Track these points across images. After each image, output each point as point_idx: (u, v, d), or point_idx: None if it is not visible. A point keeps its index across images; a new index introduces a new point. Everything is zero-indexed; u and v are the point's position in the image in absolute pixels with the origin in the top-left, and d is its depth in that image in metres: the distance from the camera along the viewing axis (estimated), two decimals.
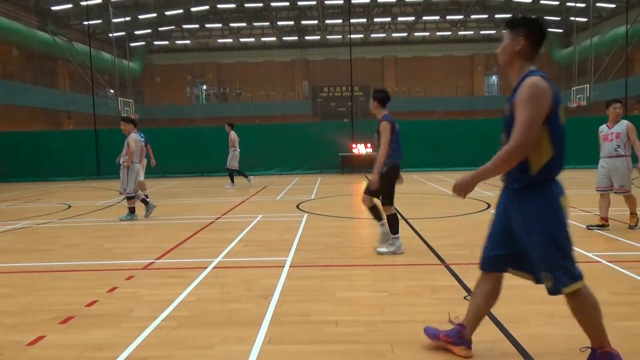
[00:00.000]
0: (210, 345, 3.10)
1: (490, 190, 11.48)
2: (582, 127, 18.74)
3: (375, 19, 38.60)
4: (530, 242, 2.53)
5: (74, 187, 15.27)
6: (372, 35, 40.78)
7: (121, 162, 8.56)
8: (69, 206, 10.48)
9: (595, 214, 7.78)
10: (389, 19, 38.70)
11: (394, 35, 40.41)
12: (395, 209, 5.66)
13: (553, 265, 2.49)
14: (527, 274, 2.72)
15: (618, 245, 5.63)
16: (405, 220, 7.58)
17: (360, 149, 18.45)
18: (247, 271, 4.90)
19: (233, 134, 13.57)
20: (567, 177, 14.71)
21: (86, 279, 4.72)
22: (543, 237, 2.48)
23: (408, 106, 35.36)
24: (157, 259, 5.45)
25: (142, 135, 11.46)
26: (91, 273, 4.95)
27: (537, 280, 2.66)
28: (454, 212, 8.39)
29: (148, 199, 8.73)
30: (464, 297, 3.86)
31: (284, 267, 4.93)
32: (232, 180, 13.79)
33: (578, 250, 5.32)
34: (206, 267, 4.98)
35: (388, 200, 5.48)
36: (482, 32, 39.54)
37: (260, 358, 2.90)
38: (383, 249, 5.49)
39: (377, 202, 5.57)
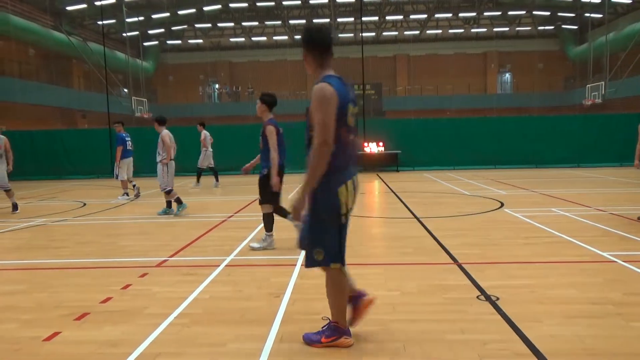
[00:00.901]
0: (222, 342, 3.13)
1: (504, 189, 11.38)
2: (597, 125, 18.52)
3: (387, 17, 38.42)
4: (306, 221, 2.90)
5: (88, 186, 15.46)
6: (384, 34, 40.60)
7: (157, 160, 8.65)
8: (84, 204, 10.62)
9: (611, 212, 7.68)
10: (401, 17, 38.49)
11: (406, 33, 40.18)
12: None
13: (318, 243, 2.87)
14: None
15: (634, 245, 5.55)
16: (417, 219, 7.55)
17: (372, 147, 18.40)
18: (258, 269, 4.93)
19: (204, 134, 13.69)
20: (582, 176, 14.57)
21: (101, 276, 4.78)
22: (313, 219, 2.85)
23: (420, 104, 35.17)
24: (171, 256, 5.50)
25: (127, 134, 11.67)
26: (105, 270, 5.01)
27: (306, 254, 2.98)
28: (466, 211, 8.34)
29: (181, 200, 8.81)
30: (477, 297, 3.84)
31: (295, 265, 4.95)
32: (198, 181, 13.85)
33: (593, 250, 5.26)
34: (218, 265, 5.02)
35: (267, 199, 5.69)
36: (495, 29, 39.14)
37: (272, 356, 2.92)
38: (255, 244, 5.74)
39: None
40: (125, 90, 33.28)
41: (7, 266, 5.31)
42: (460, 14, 37.39)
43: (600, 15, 30.99)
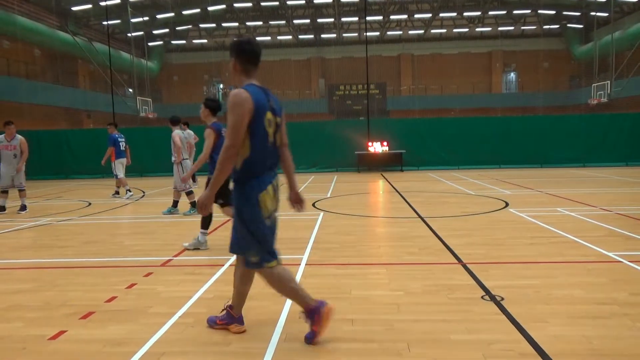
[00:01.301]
0: (226, 341, 3.14)
1: (508, 189, 11.35)
2: (603, 124, 18.42)
3: (392, 16, 38.37)
4: (234, 227, 3.09)
5: (94, 185, 15.53)
6: (389, 33, 40.56)
7: (172, 160, 8.68)
8: (89, 203, 10.66)
9: (617, 212, 7.64)
10: (405, 16, 38.44)
11: (410, 32, 40.12)
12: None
13: (249, 247, 3.05)
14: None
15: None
16: (422, 219, 7.54)
17: (377, 147, 18.38)
18: None
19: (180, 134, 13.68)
20: (587, 176, 14.52)
21: (106, 275, 4.80)
22: (240, 225, 3.03)
23: (425, 104, 35.12)
24: (175, 256, 5.52)
25: (121, 135, 11.75)
26: (111, 269, 5.03)
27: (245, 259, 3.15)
28: (471, 210, 8.31)
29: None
30: (482, 297, 3.83)
31: (300, 265, 4.95)
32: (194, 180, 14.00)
33: (598, 250, 5.23)
34: (223, 265, 5.03)
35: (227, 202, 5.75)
36: (500, 28, 39.02)
37: (276, 355, 2.92)
38: (186, 244, 5.90)
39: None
40: (130, 90, 33.41)
41: (13, 265, 5.34)
42: (465, 13, 37.30)
43: (606, 14, 30.85)
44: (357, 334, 3.19)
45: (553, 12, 35.81)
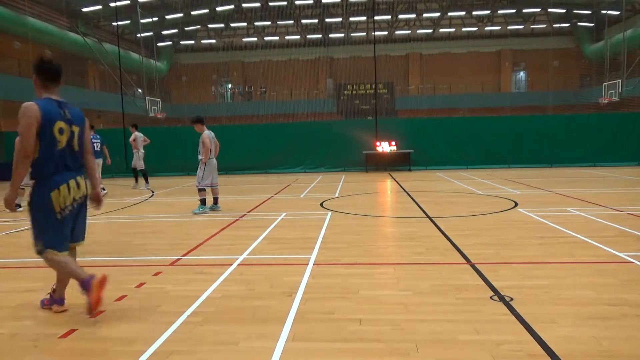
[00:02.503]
0: (235, 341, 3.15)
1: (518, 189, 11.27)
2: (614, 123, 18.23)
3: (400, 16, 38.25)
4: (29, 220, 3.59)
5: (103, 185, 15.62)
6: (397, 32, 40.43)
7: (199, 159, 8.77)
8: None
9: (628, 212, 7.56)
10: (413, 15, 38.30)
11: (418, 31, 39.97)
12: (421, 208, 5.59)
13: (36, 236, 3.56)
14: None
15: None
16: (430, 219, 7.51)
17: (385, 147, 18.34)
18: (271, 268, 4.94)
19: (135, 135, 13.87)
20: (598, 175, 14.37)
21: (115, 274, 4.83)
22: (31, 217, 3.54)
23: (433, 103, 34.97)
24: (184, 255, 5.55)
25: (98, 136, 12.07)
26: (120, 268, 5.07)
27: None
28: (480, 210, 8.27)
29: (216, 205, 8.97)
30: (490, 297, 3.81)
31: (307, 264, 4.95)
32: (137, 181, 14.20)
33: (609, 250, 5.18)
34: (231, 264, 5.05)
35: None
36: (509, 27, 38.74)
37: (284, 355, 2.92)
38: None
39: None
40: (140, 90, 33.62)
41: (25, 264, 5.40)
42: (474, 12, 37.08)
43: (617, 13, 30.50)
44: (365, 334, 3.19)
45: (563, 10, 35.48)
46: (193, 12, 34.88)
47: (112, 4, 27.55)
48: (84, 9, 30.56)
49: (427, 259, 5.13)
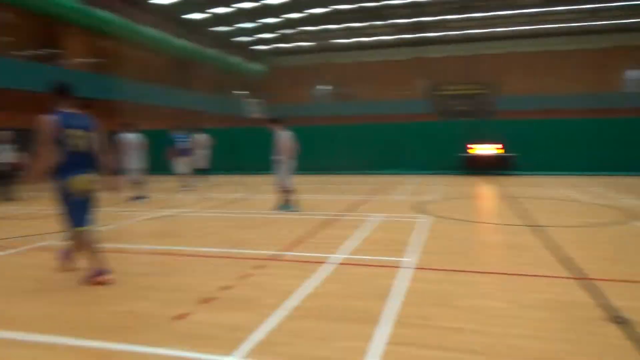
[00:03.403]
0: (331, 337, 3.23)
1: (636, 199, 10.22)
2: None
3: (498, 12, 36.31)
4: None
5: (214, 181, 16.68)
6: (494, 30, 38.45)
7: (278, 160, 9.07)
8: (212, 198, 11.55)
9: None
10: (512, 12, 36.12)
11: (518, 28, 37.64)
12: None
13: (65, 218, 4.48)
14: None
15: None
16: (536, 227, 7.06)
17: (483, 149, 17.57)
18: (368, 269, 4.98)
19: (198, 137, 14.65)
20: (630, 184, 12.45)
21: (222, 265, 5.19)
22: (57, 203, 4.44)
23: (536, 104, 32.86)
24: (285, 250, 5.76)
25: (187, 136, 12.78)
26: (226, 259, 5.42)
27: None
28: (592, 221, 7.62)
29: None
30: (606, 318, 3.51)
31: (405, 268, 4.91)
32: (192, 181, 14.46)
33: None
34: (329, 262, 5.16)
35: None
36: (621, 21, 34.92)
37: (377, 357, 2.95)
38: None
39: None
40: (240, 92, 35.40)
41: (142, 250, 5.97)
42: (579, 6, 33.92)
43: None
44: (466, 344, 3.10)
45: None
46: (289, 16, 35.96)
47: (214, 11, 29.23)
48: (189, 17, 32.83)
49: (532, 270, 4.84)
